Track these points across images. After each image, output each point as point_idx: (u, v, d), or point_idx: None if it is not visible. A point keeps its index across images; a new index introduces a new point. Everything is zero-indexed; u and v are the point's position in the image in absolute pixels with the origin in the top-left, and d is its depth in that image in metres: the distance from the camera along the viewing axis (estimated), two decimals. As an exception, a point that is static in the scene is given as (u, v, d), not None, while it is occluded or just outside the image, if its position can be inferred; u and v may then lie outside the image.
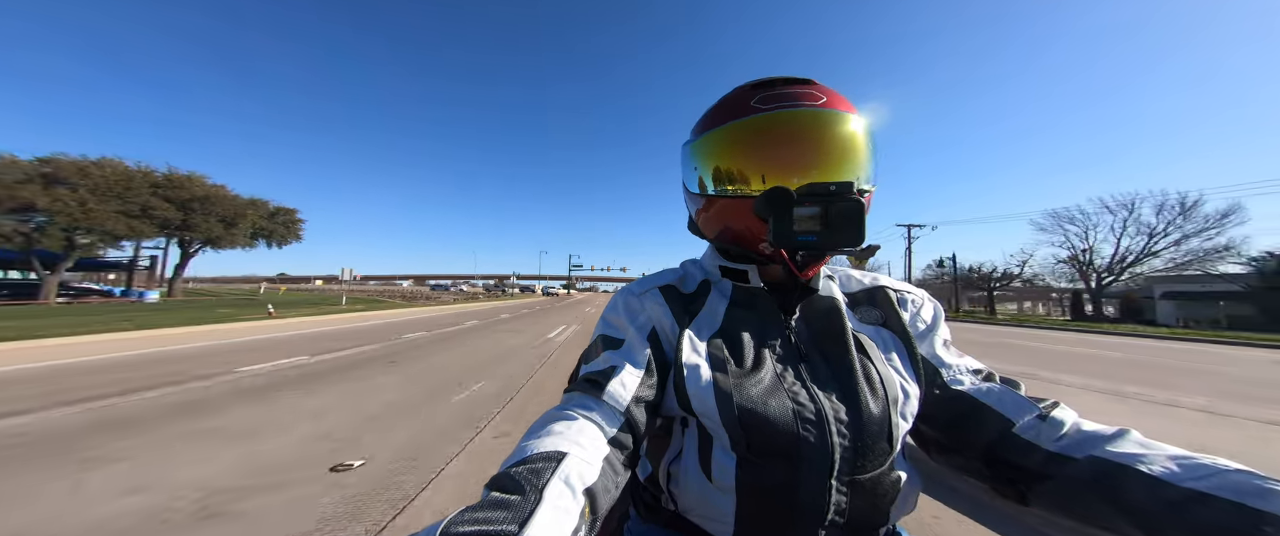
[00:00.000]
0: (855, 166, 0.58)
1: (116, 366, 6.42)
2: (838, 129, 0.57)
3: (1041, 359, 9.45)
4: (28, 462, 3.00)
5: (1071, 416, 0.52)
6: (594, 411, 0.49)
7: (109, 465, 2.95)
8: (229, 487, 2.65)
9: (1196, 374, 7.78)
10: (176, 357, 7.29)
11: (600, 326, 0.63)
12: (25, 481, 2.71)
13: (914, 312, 0.65)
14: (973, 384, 0.58)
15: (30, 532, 2.19)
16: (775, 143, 0.58)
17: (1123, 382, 6.74)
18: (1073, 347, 11.84)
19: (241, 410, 4.32)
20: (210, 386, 5.26)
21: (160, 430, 3.68)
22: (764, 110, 0.57)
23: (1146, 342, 14.27)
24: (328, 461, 3.06)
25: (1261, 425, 4.57)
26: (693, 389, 0.54)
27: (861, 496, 0.51)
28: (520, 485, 0.36)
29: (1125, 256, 29.63)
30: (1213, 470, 0.40)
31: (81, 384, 5.25)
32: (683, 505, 0.59)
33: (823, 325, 0.60)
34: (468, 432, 3.80)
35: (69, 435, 3.52)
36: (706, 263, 0.71)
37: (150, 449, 3.27)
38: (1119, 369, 8.11)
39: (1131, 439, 0.46)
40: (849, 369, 0.55)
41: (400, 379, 5.95)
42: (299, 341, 9.70)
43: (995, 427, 0.53)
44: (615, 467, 0.46)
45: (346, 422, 3.99)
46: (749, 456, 0.51)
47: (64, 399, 4.54)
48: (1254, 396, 5.95)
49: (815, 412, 0.51)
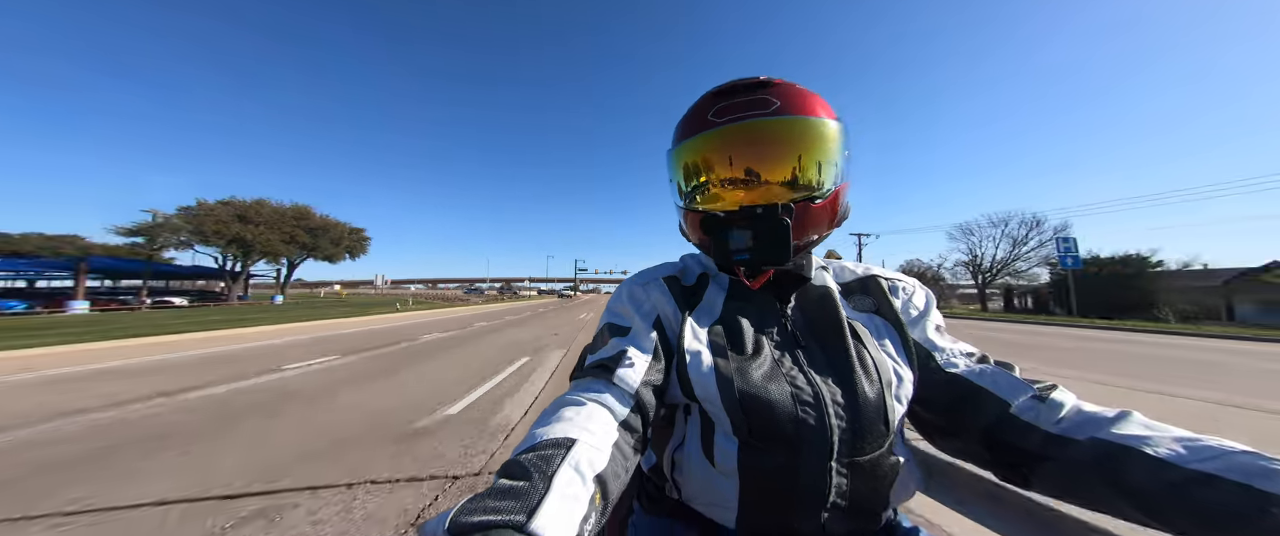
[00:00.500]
0: (806, 172, 0.58)
1: (367, 335, 12.34)
2: (786, 138, 0.58)
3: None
4: (400, 368, 6.89)
5: (1071, 398, 0.51)
6: (604, 394, 0.50)
7: (429, 363, 7.54)
8: (490, 358, 7.82)
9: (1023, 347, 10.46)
10: (382, 331, 13.32)
11: (606, 316, 0.64)
12: (424, 367, 7.07)
13: (906, 300, 0.66)
14: (967, 366, 0.58)
15: (446, 369, 7.64)
16: (723, 159, 0.60)
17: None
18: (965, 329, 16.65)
19: (457, 349, 9.32)
20: (417, 344, 10.08)
21: (430, 360, 8.13)
22: (717, 124, 0.59)
23: (996, 323, 19.32)
24: (504, 358, 8.13)
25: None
26: (695, 375, 0.55)
27: (861, 478, 0.51)
28: (529, 472, 0.36)
29: (1002, 261, 37.88)
30: (1218, 452, 0.40)
31: (369, 342, 10.96)
32: (686, 493, 0.60)
33: (817, 313, 0.62)
34: (551, 340, 10.02)
35: (409, 356, 8.54)
36: (704, 257, 0.72)
37: (430, 360, 8.22)
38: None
39: (1134, 420, 0.46)
40: (844, 354, 0.55)
41: (504, 338, 11.40)
42: (430, 324, 16.18)
43: (993, 410, 0.53)
44: (625, 453, 0.46)
45: (506, 346, 9.74)
46: (751, 440, 0.52)
47: (373, 345, 10.39)
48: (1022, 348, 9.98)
49: (813, 396, 0.52)
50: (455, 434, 3.51)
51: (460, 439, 3.39)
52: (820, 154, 0.59)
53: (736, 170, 0.59)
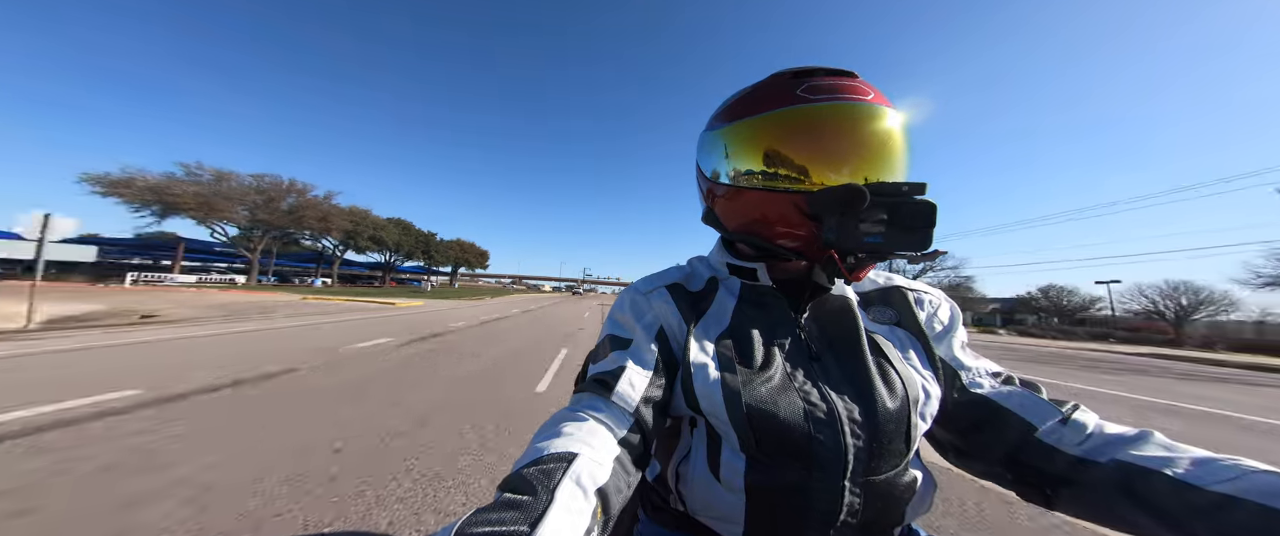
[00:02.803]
0: (905, 166, 0.54)
1: (511, 302, 24.61)
2: (889, 126, 0.54)
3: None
4: (533, 326, 16.81)
5: (1093, 419, 0.50)
6: (603, 412, 0.48)
7: (552, 312, 19.86)
8: (571, 315, 18.97)
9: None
10: (522, 303, 25.40)
11: (608, 326, 0.62)
12: (549, 320, 17.01)
13: (931, 313, 0.62)
14: (993, 387, 0.56)
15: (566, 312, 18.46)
16: (827, 137, 0.54)
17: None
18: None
19: (558, 308, 22.16)
20: (546, 307, 22.76)
21: (550, 313, 19.42)
22: (813, 101, 0.53)
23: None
24: (574, 322, 16.96)
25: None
26: (701, 388, 0.52)
27: (875, 497, 0.49)
28: (532, 486, 0.37)
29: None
30: (1238, 471, 0.39)
31: (524, 304, 22.94)
32: (691, 506, 0.57)
33: (834, 325, 0.58)
34: (585, 310, 21.01)
35: (543, 315, 20.62)
36: (714, 260, 0.68)
37: (550, 316, 19.91)
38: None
39: (1155, 441, 0.45)
40: (863, 368, 0.53)
41: (566, 309, 22.57)
42: (525, 300, 29.46)
43: (1018, 432, 0.51)
44: (626, 468, 0.45)
45: (573, 309, 20.91)
46: (758, 456, 0.49)
47: (528, 306, 22.42)
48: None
49: (827, 412, 0.49)
50: (583, 322, 14.18)
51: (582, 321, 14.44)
52: (908, 156, 0.55)
53: (847, 148, 0.53)
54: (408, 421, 3.25)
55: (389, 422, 3.20)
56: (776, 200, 0.54)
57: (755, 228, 0.57)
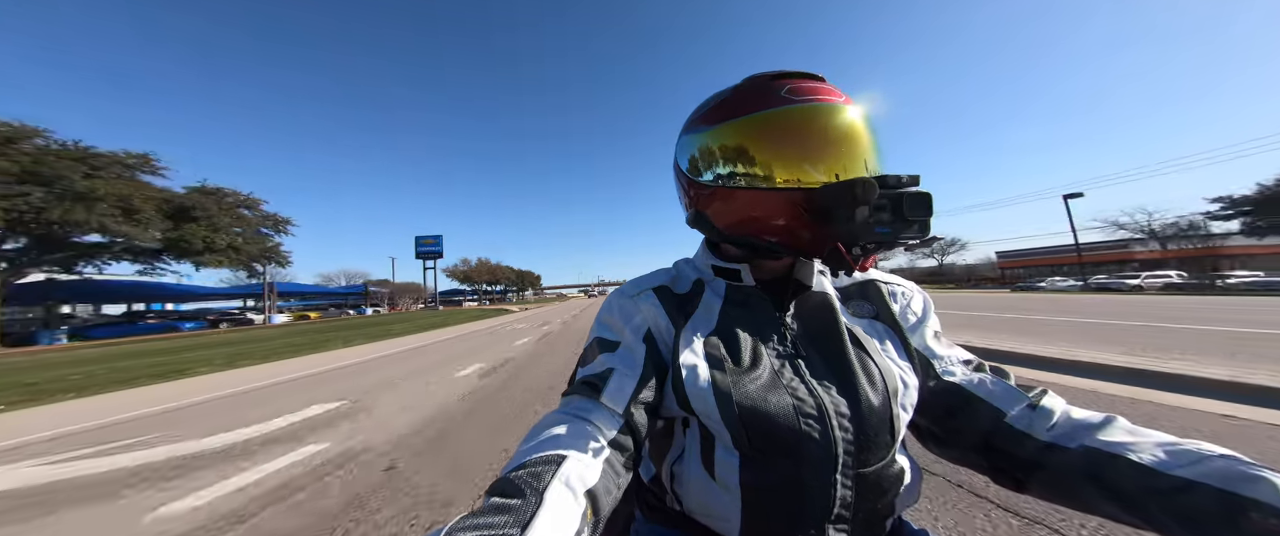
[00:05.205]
0: (884, 160, 0.56)
1: (565, 306, 33.77)
2: (866, 126, 0.56)
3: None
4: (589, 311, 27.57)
5: (1060, 404, 0.52)
6: (592, 414, 0.49)
7: (574, 318, 23.55)
8: (581, 309, 28.61)
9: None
10: (565, 307, 35.11)
11: (596, 329, 0.62)
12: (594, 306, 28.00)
13: (904, 304, 0.64)
14: (964, 375, 0.58)
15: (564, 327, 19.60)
16: (820, 135, 0.55)
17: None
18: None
19: (588, 310, 28.37)
20: (588, 307, 31.63)
21: (586, 314, 26.61)
22: (799, 102, 0.55)
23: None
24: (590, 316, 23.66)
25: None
26: (691, 388, 0.53)
27: (867, 489, 0.51)
28: (521, 489, 0.37)
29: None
30: (1198, 456, 0.41)
31: (571, 309, 31.48)
32: (687, 505, 0.58)
33: (817, 321, 0.60)
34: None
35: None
36: (698, 262, 0.69)
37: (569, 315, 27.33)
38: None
39: (1119, 426, 0.47)
40: (846, 363, 0.54)
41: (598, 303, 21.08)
42: (561, 308, 37.51)
43: (988, 418, 0.53)
44: (616, 469, 0.46)
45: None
46: (751, 454, 0.51)
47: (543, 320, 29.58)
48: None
49: (816, 407, 0.50)
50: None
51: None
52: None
53: (840, 147, 0.54)
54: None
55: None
56: (773, 198, 0.54)
57: (750, 227, 0.58)
